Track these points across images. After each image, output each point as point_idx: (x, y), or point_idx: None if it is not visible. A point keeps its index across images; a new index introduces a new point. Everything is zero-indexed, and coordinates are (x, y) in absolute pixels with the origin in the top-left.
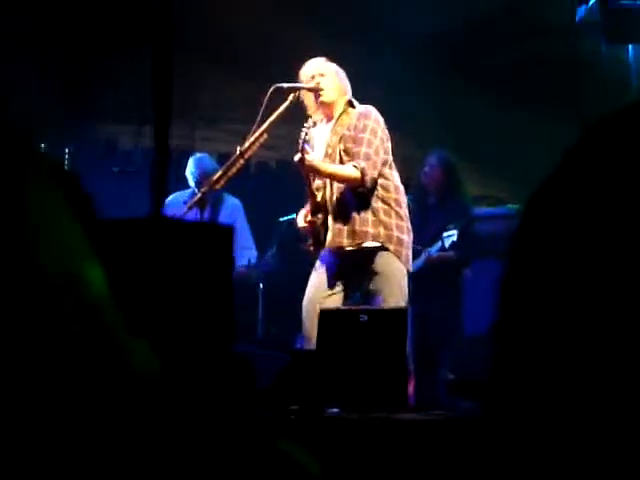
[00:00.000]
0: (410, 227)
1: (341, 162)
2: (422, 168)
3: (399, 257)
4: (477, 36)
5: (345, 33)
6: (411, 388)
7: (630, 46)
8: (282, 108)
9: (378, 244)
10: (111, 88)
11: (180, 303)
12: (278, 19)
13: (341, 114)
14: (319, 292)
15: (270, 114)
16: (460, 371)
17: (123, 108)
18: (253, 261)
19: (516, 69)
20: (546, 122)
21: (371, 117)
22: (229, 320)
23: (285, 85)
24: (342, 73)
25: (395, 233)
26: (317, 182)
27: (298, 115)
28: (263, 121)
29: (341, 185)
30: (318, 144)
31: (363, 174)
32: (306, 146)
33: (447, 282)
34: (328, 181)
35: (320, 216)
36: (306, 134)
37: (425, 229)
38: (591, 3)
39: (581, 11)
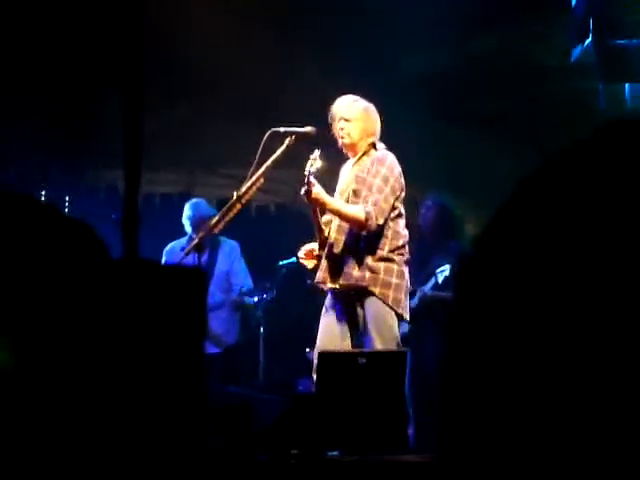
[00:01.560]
0: (405, 271)
1: (348, 202)
2: (420, 210)
3: (385, 300)
4: (473, 77)
5: (342, 75)
6: (411, 430)
7: (627, 85)
8: (279, 152)
9: (363, 286)
10: (110, 134)
11: (147, 348)
12: (276, 64)
13: (362, 155)
14: (329, 337)
15: (267, 158)
16: None
17: (122, 153)
18: (247, 287)
19: (514, 111)
20: None
21: (385, 164)
22: (200, 370)
23: (282, 129)
24: (372, 113)
25: (381, 276)
26: (326, 217)
27: (297, 159)
28: (260, 165)
29: (343, 224)
30: (341, 179)
31: (367, 218)
32: (312, 178)
33: (443, 322)
34: (335, 217)
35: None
36: (312, 165)
37: (422, 271)
38: (587, 43)
39: (577, 51)
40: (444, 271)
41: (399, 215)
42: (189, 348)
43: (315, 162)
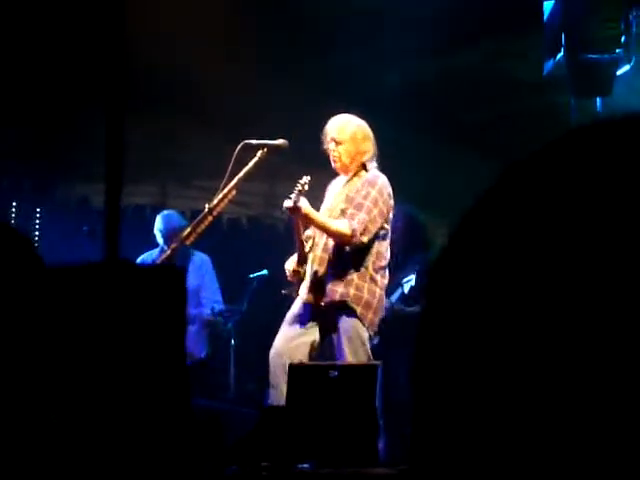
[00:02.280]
0: (383, 294)
1: None
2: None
3: (363, 321)
4: (447, 92)
5: (318, 88)
6: (381, 443)
7: (598, 99)
8: (251, 164)
9: (345, 302)
10: (82, 147)
11: (130, 349)
12: (250, 75)
13: (353, 176)
14: (287, 344)
15: (239, 171)
16: None
17: (95, 167)
18: (218, 308)
19: (486, 125)
20: None
21: (376, 187)
22: (182, 370)
23: (254, 142)
24: (364, 132)
25: (365, 296)
26: (307, 232)
27: (270, 172)
28: (232, 178)
29: (329, 243)
30: (329, 197)
31: (352, 234)
32: (300, 196)
33: (412, 334)
34: (318, 233)
35: (305, 267)
36: (300, 190)
37: (390, 282)
38: (559, 57)
39: (549, 65)
40: (409, 281)
41: (384, 237)
42: (171, 344)
43: (304, 188)
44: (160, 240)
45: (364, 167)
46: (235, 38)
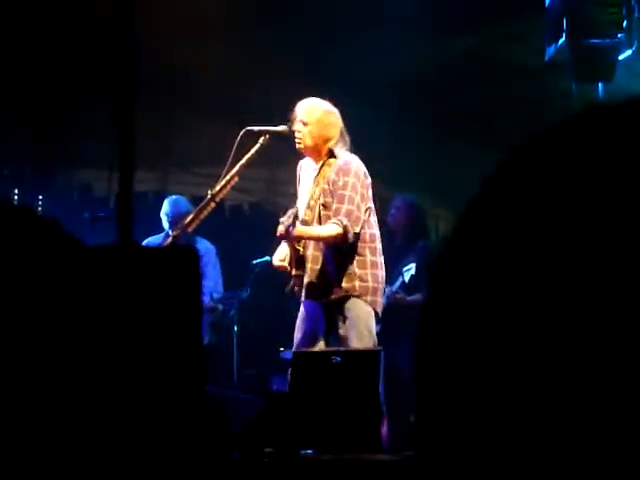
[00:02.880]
0: (383, 274)
1: (319, 216)
2: (389, 211)
3: (374, 306)
4: (447, 78)
5: (313, 77)
6: (384, 429)
7: (600, 84)
8: (252, 151)
9: (355, 296)
10: (84, 134)
11: (145, 334)
12: (248, 64)
13: (323, 164)
14: (304, 339)
15: (241, 157)
16: None
17: (96, 154)
18: (217, 296)
19: (487, 110)
20: None
21: (350, 172)
22: (199, 356)
23: (255, 128)
24: (331, 118)
25: (371, 284)
26: None
27: (271, 158)
28: (234, 164)
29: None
30: (304, 182)
31: (346, 231)
32: (291, 224)
33: (414, 322)
34: None
35: (302, 269)
36: (294, 215)
37: (392, 271)
38: (560, 42)
39: (550, 50)
40: (410, 270)
41: (370, 214)
42: (187, 328)
43: (289, 219)
44: (166, 225)
45: (332, 154)
46: (235, 23)
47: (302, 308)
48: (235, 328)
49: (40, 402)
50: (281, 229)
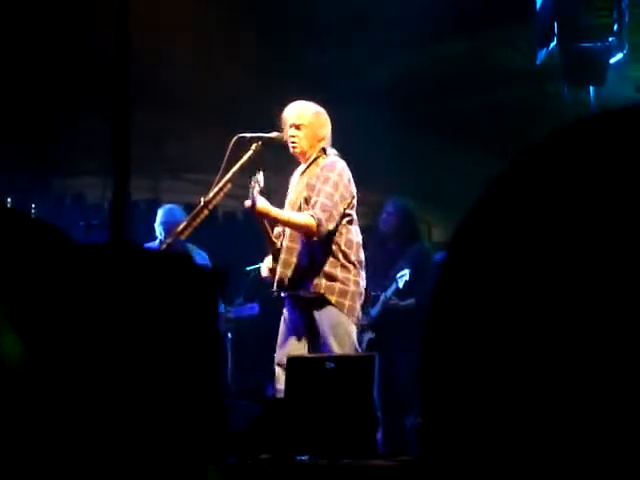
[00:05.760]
0: (360, 280)
1: (299, 209)
2: (381, 215)
3: (342, 309)
4: (441, 83)
5: (308, 82)
6: (379, 434)
7: (592, 88)
8: (245, 157)
9: (320, 294)
10: (77, 142)
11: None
12: (241, 69)
13: (312, 163)
14: (288, 345)
15: (234, 164)
16: None
17: (89, 162)
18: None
19: (479, 115)
20: None
21: (335, 170)
22: (216, 370)
23: (248, 135)
24: (322, 118)
25: (338, 285)
26: (277, 229)
27: (265, 164)
28: (227, 171)
29: (294, 233)
30: (292, 186)
31: (318, 224)
32: (255, 193)
33: (409, 327)
34: (286, 229)
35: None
36: (254, 187)
37: (385, 276)
38: (551, 46)
39: (542, 55)
40: (404, 276)
41: (351, 222)
42: (204, 334)
43: (258, 185)
44: (161, 234)
45: (324, 152)
46: (230, 32)
47: (283, 314)
48: (229, 335)
49: (38, 410)
50: (248, 203)
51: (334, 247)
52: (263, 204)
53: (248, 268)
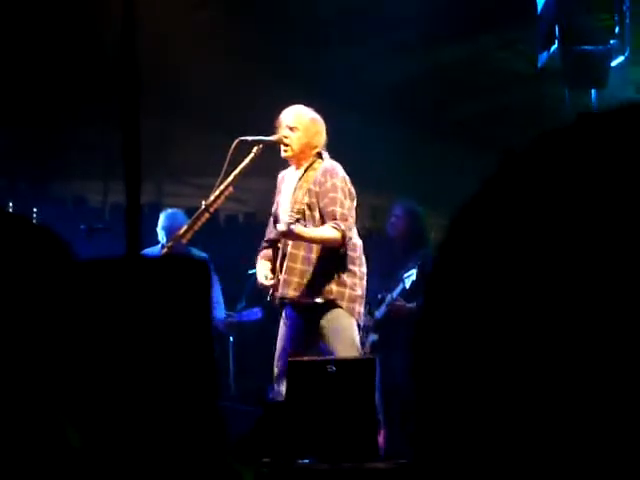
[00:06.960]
0: (363, 283)
1: (304, 217)
2: (389, 219)
3: (352, 314)
4: (441, 85)
5: (310, 85)
6: (381, 438)
7: (593, 91)
8: (246, 161)
9: (331, 300)
10: (78, 146)
11: (155, 348)
12: (243, 73)
13: (308, 168)
14: (287, 348)
15: (235, 167)
16: None
17: (90, 166)
18: (219, 317)
19: (481, 118)
20: None
21: (338, 176)
22: (210, 369)
23: (249, 138)
24: (318, 125)
25: (347, 290)
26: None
27: (266, 168)
28: (228, 174)
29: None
30: (285, 190)
31: (343, 236)
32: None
33: (412, 329)
34: None
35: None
36: (255, 154)
37: (392, 279)
38: (553, 49)
39: (543, 57)
40: (411, 276)
41: (353, 224)
42: (198, 336)
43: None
44: (163, 239)
45: (319, 156)
46: (231, 36)
47: (282, 318)
48: (231, 338)
49: (38, 417)
50: (283, 228)
51: (341, 251)
52: (299, 228)
53: (250, 271)
